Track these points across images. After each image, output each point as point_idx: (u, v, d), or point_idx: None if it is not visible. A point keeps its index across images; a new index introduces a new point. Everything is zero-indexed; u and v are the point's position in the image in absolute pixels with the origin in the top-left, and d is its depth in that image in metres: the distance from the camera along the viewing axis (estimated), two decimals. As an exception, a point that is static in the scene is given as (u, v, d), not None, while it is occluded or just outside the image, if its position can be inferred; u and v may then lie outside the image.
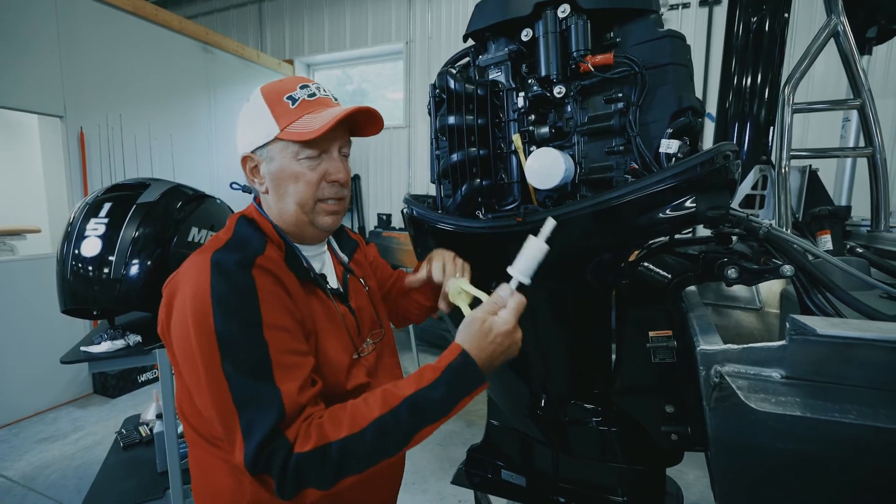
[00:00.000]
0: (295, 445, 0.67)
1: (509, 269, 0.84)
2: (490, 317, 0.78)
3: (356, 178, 5.78)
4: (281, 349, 0.72)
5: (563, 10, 1.01)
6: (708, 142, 1.54)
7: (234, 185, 0.98)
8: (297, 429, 0.69)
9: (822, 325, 0.67)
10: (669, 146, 0.97)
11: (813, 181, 1.67)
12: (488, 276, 1.01)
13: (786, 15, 1.52)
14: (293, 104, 0.83)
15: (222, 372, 0.69)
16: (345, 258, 1.02)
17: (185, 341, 0.72)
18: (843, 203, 1.92)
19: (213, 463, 0.84)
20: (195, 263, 0.77)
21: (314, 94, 0.85)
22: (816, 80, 3.86)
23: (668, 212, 0.93)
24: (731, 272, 0.90)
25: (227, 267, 0.74)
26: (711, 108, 1.76)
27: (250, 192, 0.92)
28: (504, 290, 0.82)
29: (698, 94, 4.34)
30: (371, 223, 5.63)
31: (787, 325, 0.72)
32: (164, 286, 0.81)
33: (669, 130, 0.98)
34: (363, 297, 1.01)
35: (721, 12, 4.16)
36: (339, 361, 0.85)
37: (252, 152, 0.85)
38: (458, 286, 0.92)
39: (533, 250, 0.85)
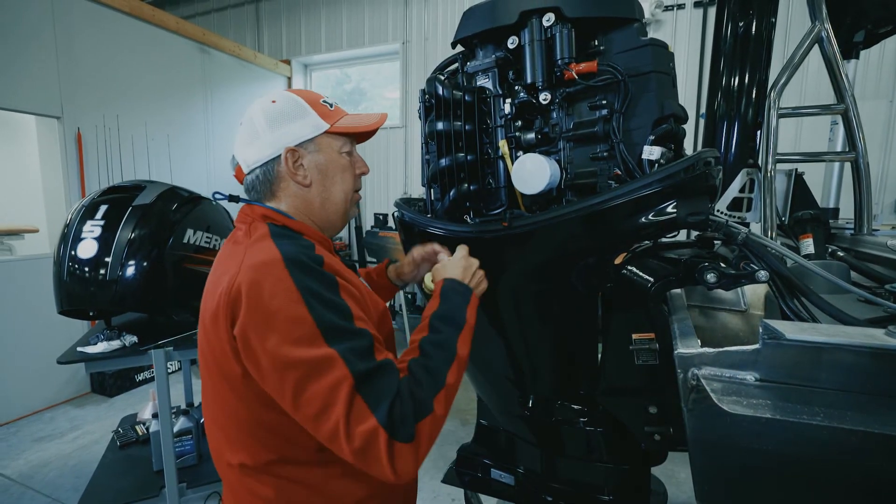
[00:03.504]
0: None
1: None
2: (445, 258, 1.04)
3: (353, 178, 5.78)
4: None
5: (549, 19, 1.02)
6: (699, 144, 1.56)
7: (219, 195, 0.93)
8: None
9: (791, 330, 0.69)
10: (651, 153, 0.99)
11: (799, 184, 1.69)
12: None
13: (772, 19, 1.54)
14: (330, 107, 0.93)
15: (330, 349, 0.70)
16: None
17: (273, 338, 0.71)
18: (832, 205, 1.94)
19: (292, 488, 0.83)
20: (259, 266, 0.75)
21: (333, 105, 0.96)
22: (809, 84, 3.88)
23: (650, 217, 0.95)
24: (710, 276, 0.92)
25: (300, 259, 0.76)
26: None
27: (237, 201, 0.93)
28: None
29: (694, 94, 4.35)
30: (368, 223, 5.64)
31: (760, 330, 0.74)
32: (222, 295, 0.76)
33: (652, 137, 1.00)
34: None
35: (716, 13, 4.18)
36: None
37: (298, 145, 0.88)
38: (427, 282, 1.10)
39: None
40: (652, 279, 1.04)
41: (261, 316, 0.71)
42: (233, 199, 0.93)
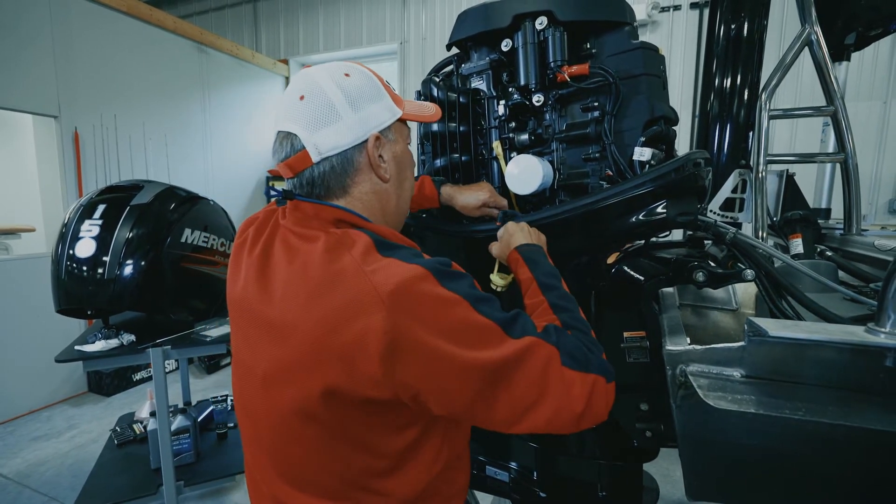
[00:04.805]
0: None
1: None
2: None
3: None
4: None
5: (541, 22, 1.04)
6: (695, 145, 1.58)
7: (275, 192, 0.74)
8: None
9: (774, 328, 0.71)
10: (642, 154, 1.01)
11: (790, 185, 1.71)
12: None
13: (764, 22, 1.56)
14: (394, 90, 0.81)
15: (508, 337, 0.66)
16: None
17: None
18: (824, 206, 1.97)
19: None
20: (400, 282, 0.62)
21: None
22: (805, 85, 3.90)
23: (640, 216, 0.97)
24: (699, 276, 0.94)
25: (439, 267, 0.66)
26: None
27: (291, 198, 0.74)
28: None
29: (690, 96, 4.37)
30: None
31: (745, 327, 0.76)
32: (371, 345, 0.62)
33: (643, 139, 1.02)
34: None
35: (712, 15, 4.20)
36: None
37: (381, 131, 0.76)
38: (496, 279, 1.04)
39: None
40: (643, 278, 1.06)
41: (442, 341, 0.62)
42: (287, 195, 0.74)
